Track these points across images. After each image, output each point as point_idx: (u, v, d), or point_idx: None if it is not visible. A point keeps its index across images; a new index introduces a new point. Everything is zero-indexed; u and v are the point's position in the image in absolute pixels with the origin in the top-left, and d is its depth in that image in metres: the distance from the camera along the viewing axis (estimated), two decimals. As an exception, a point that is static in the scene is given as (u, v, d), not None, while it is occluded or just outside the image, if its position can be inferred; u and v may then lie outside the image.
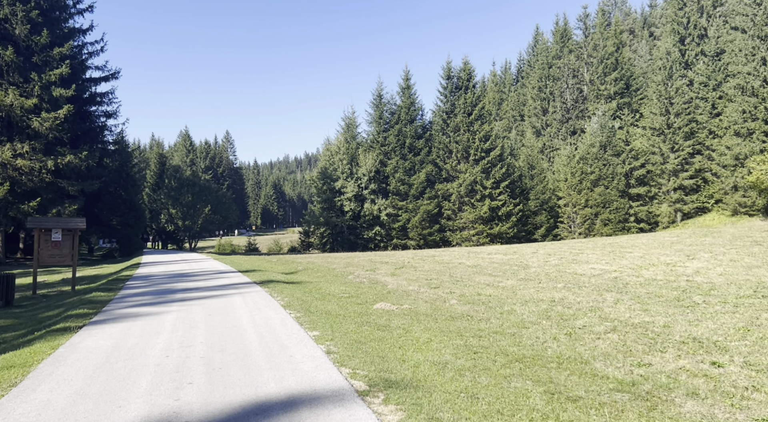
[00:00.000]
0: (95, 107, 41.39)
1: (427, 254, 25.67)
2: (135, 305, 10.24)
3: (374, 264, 20.24)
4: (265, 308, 9.39)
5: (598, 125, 51.49)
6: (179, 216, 54.11)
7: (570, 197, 48.41)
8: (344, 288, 12.76)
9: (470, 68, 48.74)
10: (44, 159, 28.47)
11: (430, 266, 18.27)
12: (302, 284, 13.83)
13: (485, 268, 16.97)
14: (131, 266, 23.31)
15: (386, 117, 51.24)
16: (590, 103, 59.51)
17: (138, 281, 14.86)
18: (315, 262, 23.31)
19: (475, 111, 47.31)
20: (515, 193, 47.96)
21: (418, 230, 46.82)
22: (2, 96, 27.13)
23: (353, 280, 14.88)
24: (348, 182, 48.71)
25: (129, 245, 42.24)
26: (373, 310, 9.71)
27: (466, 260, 20.41)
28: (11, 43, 28.32)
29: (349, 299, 11.08)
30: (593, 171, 47.68)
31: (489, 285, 13.11)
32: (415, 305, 10.38)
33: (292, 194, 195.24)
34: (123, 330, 7.73)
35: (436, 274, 15.87)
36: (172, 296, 11.44)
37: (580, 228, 48.06)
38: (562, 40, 72.08)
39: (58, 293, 14.74)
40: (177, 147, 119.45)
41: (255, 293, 11.50)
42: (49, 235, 14.06)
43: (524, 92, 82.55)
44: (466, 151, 47.35)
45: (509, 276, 14.70)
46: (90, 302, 10.92)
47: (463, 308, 10.00)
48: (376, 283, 14.01)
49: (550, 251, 21.49)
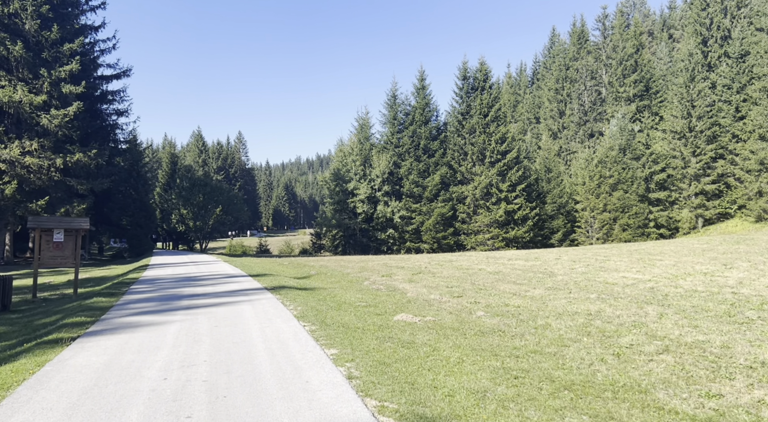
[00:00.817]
0: (106, 105, 40.99)
1: (444, 258, 24.79)
2: (137, 313, 9.49)
3: (390, 269, 19.41)
4: (276, 319, 8.60)
5: (617, 128, 50.36)
6: (190, 217, 53.58)
7: (588, 202, 47.33)
8: (360, 296, 11.94)
9: (487, 69, 47.83)
10: (53, 157, 27.97)
11: (449, 273, 17.41)
12: (315, 290, 13.04)
13: (508, 275, 16.08)
14: (139, 268, 22.65)
15: (400, 118, 50.43)
16: (608, 105, 58.35)
17: (143, 286, 14.14)
18: (328, 266, 22.54)
19: (492, 112, 46.37)
20: (532, 196, 46.93)
21: (432, 233, 45.93)
22: (11, 92, 26.64)
23: (369, 287, 14.07)
24: (361, 184, 47.94)
25: (139, 245, 41.73)
26: (393, 322, 8.88)
27: (486, 265, 19.52)
28: (21, 38, 27.85)
29: (366, 308, 10.26)
30: (612, 175, 46.56)
31: (515, 295, 12.24)
32: (439, 316, 9.54)
33: (304, 195, 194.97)
34: (120, 343, 6.96)
35: (456, 281, 15.01)
36: (178, 302, 10.69)
37: (597, 233, 46.96)
38: (579, 41, 71.01)
39: (59, 296, 14.06)
40: (189, 147, 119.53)
41: (266, 301, 10.71)
42: (51, 235, 13.39)
43: (540, 94, 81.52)
44: (482, 153, 46.41)
45: (535, 285, 13.81)
46: (90, 308, 10.19)
47: (491, 321, 9.15)
48: (394, 290, 13.19)
49: (574, 258, 20.54)
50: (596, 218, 46.92)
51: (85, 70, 35.11)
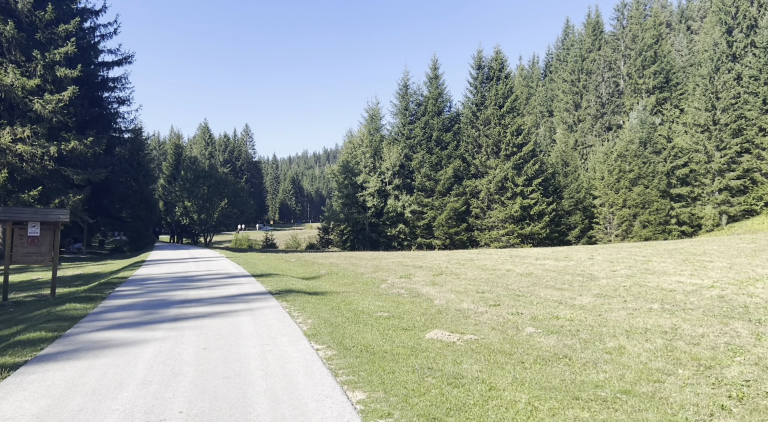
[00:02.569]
0: (107, 93, 39.31)
1: (463, 256, 22.99)
2: (111, 326, 7.77)
3: (407, 269, 17.64)
4: (281, 339, 6.84)
5: (637, 121, 48.32)
6: (194, 209, 51.89)
7: (606, 197, 45.36)
8: (381, 304, 10.18)
9: (502, 58, 45.86)
10: (47, 145, 26.30)
11: (474, 274, 15.62)
12: (327, 295, 11.29)
13: (542, 278, 14.28)
14: (133, 265, 20.97)
15: (412, 109, 48.52)
16: (627, 97, 56.25)
17: (131, 287, 12.43)
18: (338, 263, 20.79)
19: (507, 103, 44.41)
20: (548, 191, 45.02)
21: (444, 228, 44.11)
22: (2, 75, 24.96)
23: (388, 290, 12.30)
24: (371, 177, 46.13)
25: (140, 238, 40.11)
26: (427, 342, 7.12)
27: (512, 265, 17.72)
28: (13, 18, 26.13)
29: (389, 321, 8.50)
30: (632, 169, 44.59)
31: (561, 303, 10.45)
32: (481, 333, 7.78)
33: (310, 189, 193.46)
34: (73, 376, 5.23)
35: (485, 284, 13.24)
36: (164, 312, 8.96)
37: (616, 230, 45.04)
38: (594, 32, 68.81)
39: (35, 298, 12.36)
40: (196, 140, 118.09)
41: (269, 311, 8.96)
42: (25, 229, 11.69)
43: (553, 87, 79.38)
44: (497, 145, 44.51)
45: (579, 290, 12.02)
46: (58, 318, 8.48)
47: (548, 341, 7.37)
48: (418, 296, 11.42)
49: (609, 258, 18.70)
50: (615, 214, 44.98)
51: (85, 55, 33.40)
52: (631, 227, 44.35)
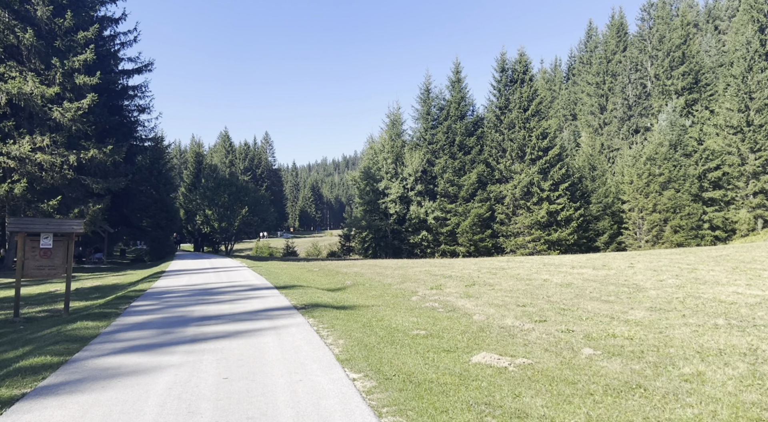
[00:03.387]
0: (127, 102, 39.21)
1: (493, 265, 22.05)
2: (123, 349, 7.04)
3: (436, 279, 16.77)
4: (312, 366, 6.04)
5: (666, 123, 46.87)
6: (215, 217, 51.59)
7: (636, 201, 43.98)
8: (415, 320, 9.34)
9: (526, 60, 44.85)
10: (66, 154, 25.99)
11: (509, 284, 14.69)
12: (356, 310, 10.48)
13: (584, 289, 13.32)
14: (152, 276, 20.41)
15: (434, 113, 47.69)
16: (654, 99, 54.75)
17: (148, 302, 11.76)
18: (363, 273, 19.99)
19: (532, 106, 43.36)
20: (575, 196, 43.77)
21: (469, 235, 43.09)
22: (21, 83, 24.73)
23: (420, 304, 11.46)
24: (392, 183, 45.35)
25: (160, 248, 39.76)
26: (475, 368, 6.26)
27: (548, 275, 16.75)
28: (32, 26, 25.93)
29: (428, 341, 7.66)
30: (662, 173, 43.18)
31: (612, 318, 9.51)
32: (533, 355, 6.90)
33: (330, 196, 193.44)
34: (73, 417, 4.48)
35: (524, 296, 12.32)
36: (182, 331, 8.23)
37: (647, 236, 43.62)
38: (619, 34, 67.45)
39: (48, 314, 11.77)
40: (216, 148, 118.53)
41: (296, 330, 8.18)
42: (37, 241, 11.11)
43: (576, 90, 78.08)
44: (522, 149, 43.44)
45: (628, 303, 11.05)
46: (67, 339, 7.80)
47: (612, 366, 6.46)
48: (454, 310, 10.56)
49: (650, 266, 17.62)
50: (645, 220, 43.59)
51: (104, 63, 33.28)
52: (661, 233, 42.92)
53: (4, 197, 24.84)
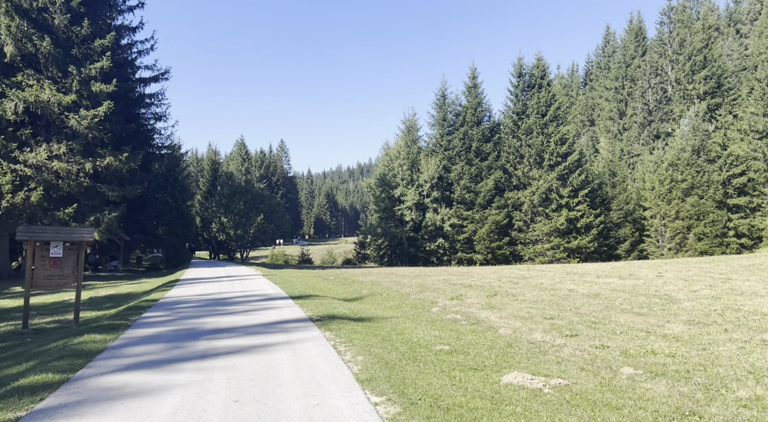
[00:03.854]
0: (144, 110, 39.23)
1: (513, 273, 21.42)
2: (129, 366, 6.61)
3: (456, 288, 16.22)
4: (329, 386, 5.55)
5: (689, 128, 45.85)
6: (230, 225, 51.42)
7: (658, 208, 42.99)
8: (437, 333, 8.81)
9: (544, 64, 44.22)
10: (82, 161, 25.88)
11: (533, 295, 14.10)
12: (375, 322, 9.98)
13: (612, 299, 12.69)
14: (166, 285, 20.10)
15: (450, 119, 47.18)
16: (676, 104, 53.68)
17: (158, 313, 11.35)
18: (379, 282, 19.48)
19: (550, 111, 42.67)
20: (595, 203, 42.87)
21: (486, 242, 42.40)
22: (38, 91, 24.69)
23: (441, 316, 10.92)
24: (408, 190, 44.84)
25: (176, 255, 39.60)
26: (507, 390, 5.73)
27: (572, 284, 16.11)
28: (49, 34, 25.92)
29: (453, 358, 7.13)
30: (685, 179, 42.18)
31: (649, 333, 8.91)
32: (568, 375, 6.34)
33: (345, 203, 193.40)
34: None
35: (550, 307, 11.74)
36: (193, 345, 7.79)
37: (669, 243, 42.57)
38: (637, 38, 66.54)
39: (58, 325, 11.44)
40: (233, 156, 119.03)
41: (312, 345, 7.70)
42: (47, 250, 10.78)
43: (594, 96, 77.13)
44: (540, 155, 42.73)
45: (662, 315, 10.43)
46: (72, 353, 7.40)
47: (657, 388, 5.89)
48: (477, 323, 10.02)
49: (680, 276, 16.91)
50: (667, 227, 42.57)
51: (121, 71, 33.30)
52: (685, 240, 41.86)
53: (20, 205, 24.75)
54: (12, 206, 24.63)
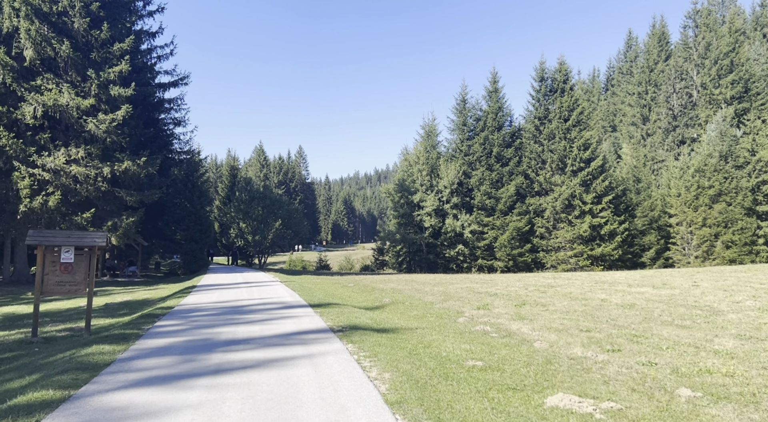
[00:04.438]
0: (164, 115, 39.21)
1: (539, 282, 20.68)
2: (136, 382, 6.10)
3: (481, 297, 15.56)
4: (355, 409, 4.97)
5: (716, 133, 44.68)
6: (249, 231, 51.14)
7: (684, 215, 41.82)
8: (468, 347, 8.19)
9: (566, 69, 43.39)
10: (100, 166, 25.72)
11: (564, 305, 13.40)
12: (399, 333, 9.39)
13: (649, 310, 11.95)
14: (183, 291, 19.71)
15: (470, 124, 46.49)
16: (701, 109, 52.42)
17: (172, 322, 10.85)
18: (400, 290, 18.88)
19: (573, 116, 41.81)
20: (619, 209, 41.83)
21: (507, 249, 41.57)
22: (57, 95, 24.60)
23: (470, 327, 10.29)
24: (428, 195, 44.22)
25: (194, 261, 39.34)
26: (554, 415, 5.09)
27: (603, 293, 15.36)
28: (69, 38, 25.88)
29: (488, 375, 6.51)
30: (712, 185, 40.98)
31: (698, 348, 8.20)
32: (619, 397, 5.69)
33: (362, 209, 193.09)
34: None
35: (584, 319, 11.04)
36: (206, 359, 7.27)
37: (696, 251, 41.37)
38: (660, 43, 65.39)
39: (69, 334, 11.02)
40: (252, 162, 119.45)
41: (334, 359, 7.13)
42: (58, 255, 10.38)
43: (616, 101, 76.03)
44: (562, 161, 41.86)
45: (708, 328, 9.69)
46: (77, 366, 6.92)
47: (725, 414, 5.22)
48: (509, 335, 9.37)
49: (718, 285, 16.07)
50: (694, 234, 41.37)
51: (141, 76, 33.25)
52: (712, 248, 40.64)
53: (38, 209, 24.66)
54: (30, 211, 24.52)
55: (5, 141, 23.66)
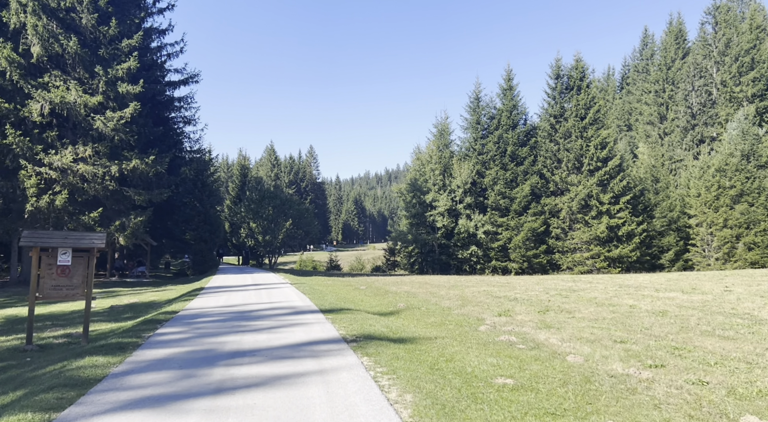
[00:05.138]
0: (174, 114, 38.75)
1: (559, 285, 19.86)
2: (127, 403, 5.43)
3: (499, 301, 14.80)
4: (375, 444, 4.27)
5: (737, 131, 43.44)
6: (259, 230, 50.56)
7: (704, 216, 40.73)
8: (494, 361, 7.45)
9: (583, 66, 42.41)
10: (108, 164, 25.22)
11: (590, 311, 12.60)
12: (418, 344, 8.67)
13: (685, 319, 11.13)
14: (190, 293, 19.11)
15: (484, 122, 45.62)
16: (721, 107, 51.17)
17: (175, 329, 10.19)
18: (415, 293, 18.16)
19: (590, 114, 40.84)
20: (637, 210, 40.81)
21: (522, 250, 40.69)
22: (64, 92, 24.11)
23: (493, 336, 9.54)
24: (440, 195, 43.42)
25: (203, 261, 38.83)
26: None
27: (630, 299, 14.53)
28: (77, 34, 25.40)
29: (521, 396, 5.77)
30: (734, 185, 39.88)
31: (751, 364, 7.41)
32: (677, 427, 4.94)
33: (373, 209, 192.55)
34: None
35: (615, 327, 10.25)
36: (207, 374, 6.59)
37: (717, 253, 40.28)
38: (677, 41, 64.05)
39: (66, 341, 10.40)
40: (262, 162, 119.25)
41: (348, 376, 6.42)
42: (54, 257, 9.77)
43: (630, 100, 74.74)
44: (579, 160, 40.90)
45: (754, 340, 8.87)
46: (65, 382, 6.26)
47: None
48: (537, 347, 8.61)
49: (753, 291, 15.18)
50: (715, 236, 40.27)
51: (150, 74, 32.76)
52: (733, 250, 39.53)
53: (45, 208, 24.20)
54: (37, 210, 24.07)
55: (12, 139, 23.22)
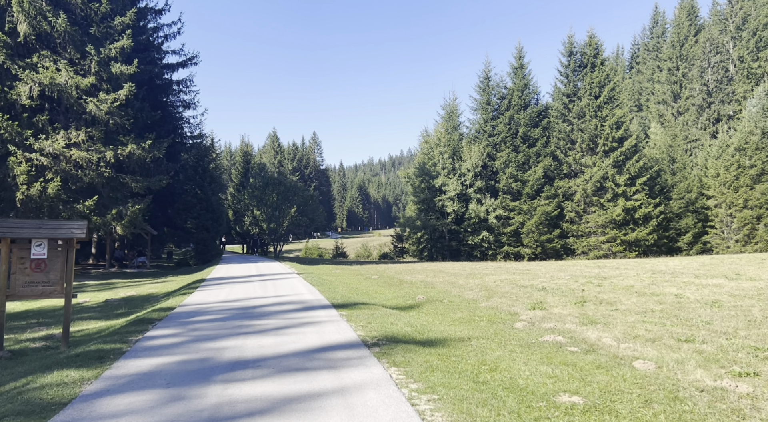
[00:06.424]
0: (173, 97, 37.35)
1: (584, 272, 18.54)
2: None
3: (528, 292, 13.49)
4: None
5: (757, 108, 41.79)
6: (263, 218, 49.32)
7: (723, 197, 39.28)
8: (549, 370, 6.14)
9: (597, 42, 40.76)
10: (103, 150, 23.90)
11: (633, 302, 11.28)
12: (450, 347, 7.37)
13: (746, 310, 9.80)
14: (190, 285, 17.87)
15: (494, 103, 44.06)
16: (738, 84, 49.41)
17: (168, 331, 8.90)
18: (432, 283, 16.86)
19: (604, 93, 39.25)
20: (654, 191, 39.38)
21: (535, 235, 39.35)
22: (54, 73, 22.74)
23: (534, 335, 8.23)
24: (450, 179, 42.01)
25: (205, 250, 37.61)
26: None
27: (672, 287, 13.20)
28: (65, 11, 23.96)
29: (601, 423, 4.49)
30: (754, 164, 38.37)
31: None
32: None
33: (377, 196, 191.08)
34: None
35: (669, 321, 8.93)
36: (200, 396, 5.29)
37: (736, 235, 38.87)
38: (689, 17, 61.97)
39: (44, 345, 9.14)
40: (266, 149, 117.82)
41: (376, 396, 5.12)
42: (27, 250, 8.51)
43: (641, 79, 72.77)
44: (593, 140, 39.38)
45: (844, 338, 7.57)
46: (22, 408, 4.99)
47: None
48: (592, 350, 7.30)
49: (806, 276, 13.83)
50: (734, 217, 38.83)
51: (147, 55, 31.35)
52: (754, 231, 38.12)
53: (36, 197, 22.93)
54: (28, 199, 22.82)
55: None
